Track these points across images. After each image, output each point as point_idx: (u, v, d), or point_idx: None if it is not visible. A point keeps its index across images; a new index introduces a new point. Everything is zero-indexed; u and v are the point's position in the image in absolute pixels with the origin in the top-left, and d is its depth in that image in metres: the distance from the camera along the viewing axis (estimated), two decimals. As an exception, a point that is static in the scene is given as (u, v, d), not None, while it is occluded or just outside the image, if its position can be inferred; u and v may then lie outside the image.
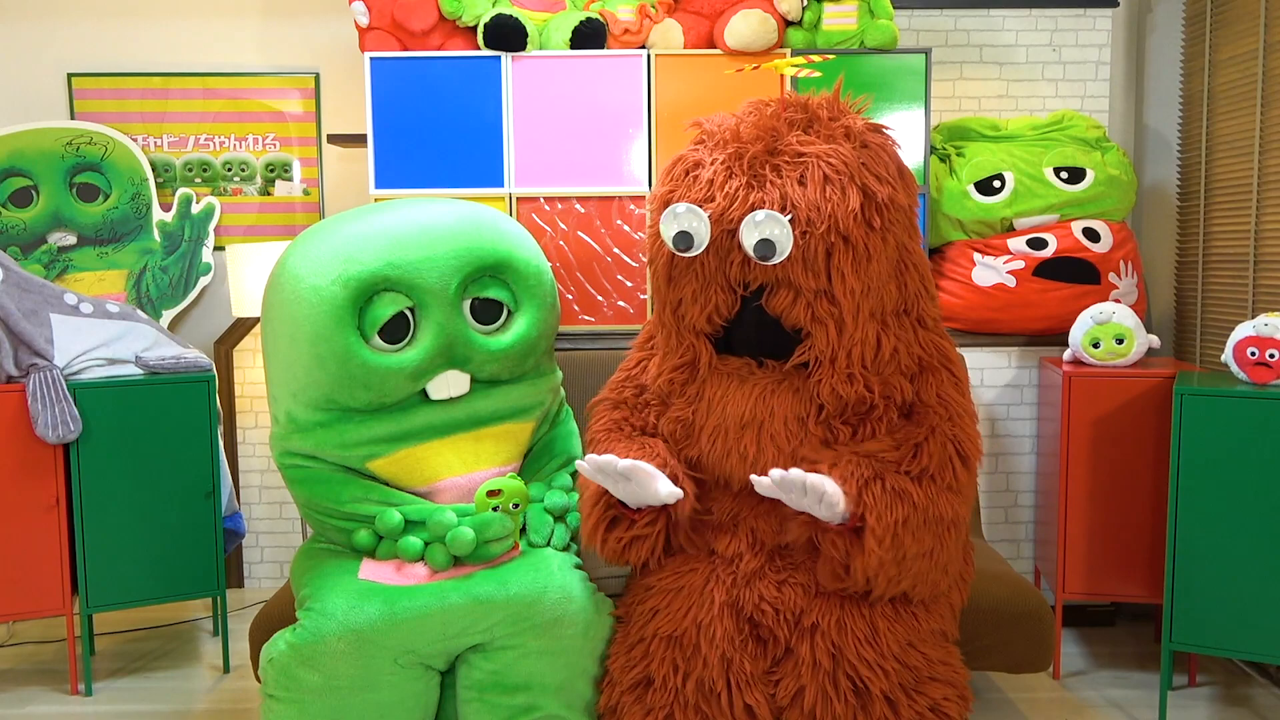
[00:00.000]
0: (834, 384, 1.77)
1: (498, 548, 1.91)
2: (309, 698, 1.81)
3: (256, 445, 3.46)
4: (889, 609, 1.80)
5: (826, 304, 1.74)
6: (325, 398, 1.96)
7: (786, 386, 1.81)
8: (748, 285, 1.81)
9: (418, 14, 2.85)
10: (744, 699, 1.79)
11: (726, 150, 1.80)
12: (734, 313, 1.85)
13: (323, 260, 1.94)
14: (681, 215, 1.76)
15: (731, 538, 1.90)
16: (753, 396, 1.81)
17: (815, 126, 1.81)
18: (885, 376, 1.81)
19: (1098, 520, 2.66)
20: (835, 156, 1.74)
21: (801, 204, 1.71)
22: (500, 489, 1.90)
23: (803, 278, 1.74)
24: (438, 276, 1.95)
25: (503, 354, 2.03)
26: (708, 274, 1.81)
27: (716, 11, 2.89)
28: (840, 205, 1.71)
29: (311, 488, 2.01)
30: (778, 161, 1.76)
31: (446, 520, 1.90)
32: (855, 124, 1.83)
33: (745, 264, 1.78)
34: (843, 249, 1.72)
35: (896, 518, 1.71)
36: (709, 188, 1.77)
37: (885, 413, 1.83)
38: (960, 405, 1.85)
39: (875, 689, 1.75)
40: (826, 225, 1.70)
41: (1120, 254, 2.92)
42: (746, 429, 1.81)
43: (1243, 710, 2.55)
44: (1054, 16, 3.15)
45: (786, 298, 1.77)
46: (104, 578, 2.65)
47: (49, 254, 3.30)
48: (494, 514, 1.90)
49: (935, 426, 1.82)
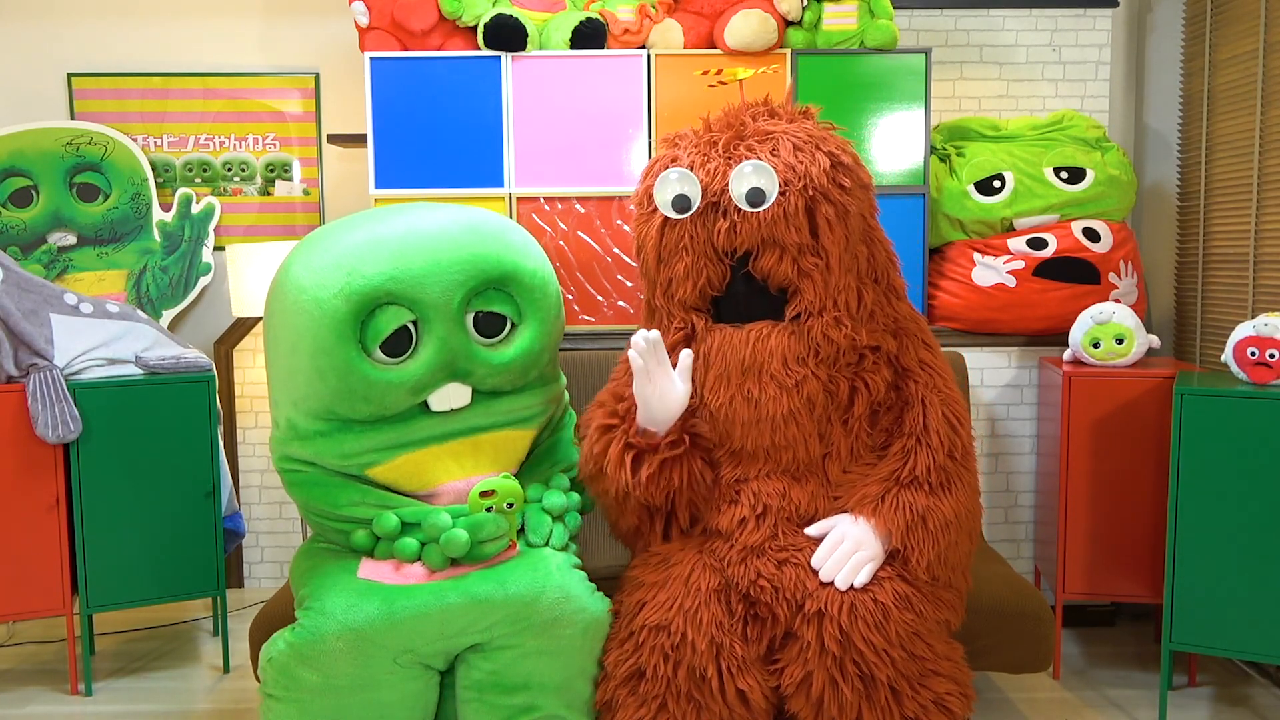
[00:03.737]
0: (825, 329, 1.88)
1: (493, 547, 1.90)
2: (308, 697, 1.81)
3: (256, 445, 3.46)
4: (898, 596, 1.81)
5: (810, 257, 1.87)
6: (325, 409, 1.95)
7: (782, 330, 1.90)
8: (734, 253, 1.91)
9: (418, 14, 2.85)
10: (735, 684, 1.80)
11: (700, 141, 1.95)
12: (724, 284, 1.94)
13: (325, 271, 1.92)
14: (675, 180, 1.90)
15: (734, 508, 1.92)
16: (750, 342, 1.90)
17: (777, 116, 1.97)
18: (870, 328, 1.93)
19: (1098, 520, 2.66)
20: (800, 130, 1.91)
21: (778, 167, 1.85)
22: (494, 489, 1.90)
23: (786, 234, 1.86)
24: (441, 290, 1.93)
25: (505, 367, 2.02)
26: (696, 247, 1.91)
27: (716, 11, 2.89)
28: (813, 165, 1.85)
29: (309, 491, 2.00)
30: (749, 142, 1.90)
31: (441, 523, 1.89)
32: (813, 111, 2.01)
33: (731, 231, 1.88)
34: (822, 201, 1.85)
35: (939, 550, 1.86)
36: (690, 170, 1.91)
37: (877, 367, 1.93)
38: (938, 366, 1.98)
39: (881, 675, 1.76)
40: (803, 182, 1.84)
41: (1120, 254, 2.92)
42: (748, 373, 1.89)
43: (1243, 710, 2.55)
44: (1054, 16, 3.15)
45: (772, 257, 1.88)
46: (104, 578, 2.65)
47: (49, 254, 3.30)
48: (488, 515, 1.90)
49: (924, 397, 1.94)
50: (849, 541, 1.83)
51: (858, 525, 1.86)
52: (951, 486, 1.89)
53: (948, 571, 1.89)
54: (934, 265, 3.06)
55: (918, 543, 1.83)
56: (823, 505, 1.93)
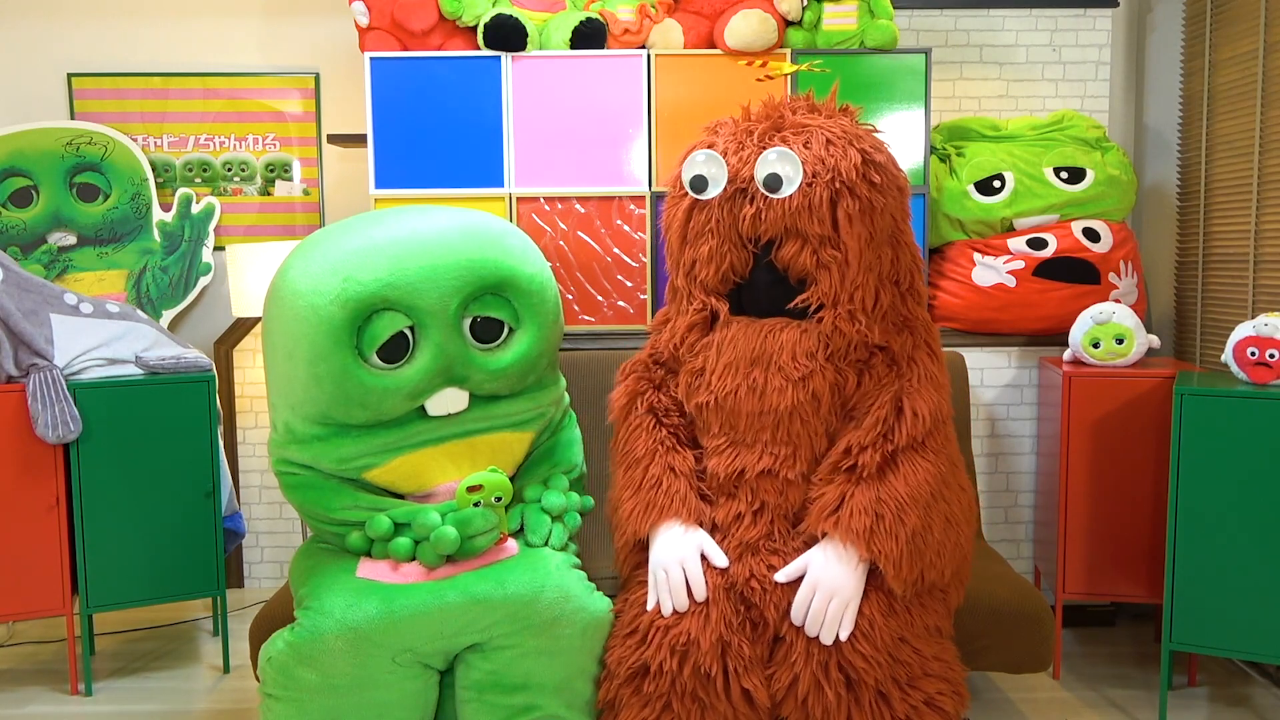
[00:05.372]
0: (836, 321, 1.88)
1: (483, 541, 1.91)
2: (307, 696, 1.81)
3: (256, 445, 3.46)
4: (883, 603, 1.80)
5: (830, 249, 1.87)
6: (322, 414, 1.95)
7: (795, 326, 1.91)
8: (758, 240, 1.92)
9: (418, 14, 2.85)
10: (741, 684, 1.79)
11: (738, 129, 1.96)
12: (747, 270, 1.96)
13: (321, 277, 1.92)
14: (701, 161, 1.92)
15: (732, 502, 1.92)
16: (762, 334, 1.91)
17: (816, 111, 1.98)
18: (883, 327, 1.93)
19: (1098, 520, 2.66)
20: (836, 126, 1.91)
21: (808, 159, 1.86)
22: (481, 484, 1.90)
23: (808, 225, 1.86)
24: (437, 297, 1.92)
25: (502, 373, 2.01)
26: (722, 231, 1.93)
27: (716, 11, 2.89)
28: (843, 160, 1.86)
29: (305, 493, 2.01)
30: (784, 134, 1.91)
31: (430, 521, 1.90)
32: (853, 110, 2.02)
33: (756, 218, 1.89)
34: (848, 196, 1.85)
35: (904, 543, 1.80)
36: (724, 156, 1.93)
37: (879, 366, 1.93)
38: (930, 369, 1.94)
39: (868, 680, 1.75)
40: (831, 175, 1.85)
41: (1120, 254, 2.92)
42: (756, 363, 1.90)
43: (1243, 710, 2.55)
44: (1054, 16, 3.15)
45: (794, 247, 1.89)
46: (104, 578, 2.65)
47: (49, 254, 3.30)
48: (475, 509, 1.90)
49: (887, 385, 1.91)
50: (821, 592, 1.78)
51: (826, 559, 1.81)
52: (897, 468, 1.84)
53: (925, 565, 1.82)
54: (934, 265, 3.06)
55: (882, 545, 1.78)
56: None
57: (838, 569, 1.80)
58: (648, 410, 2.04)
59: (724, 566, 1.86)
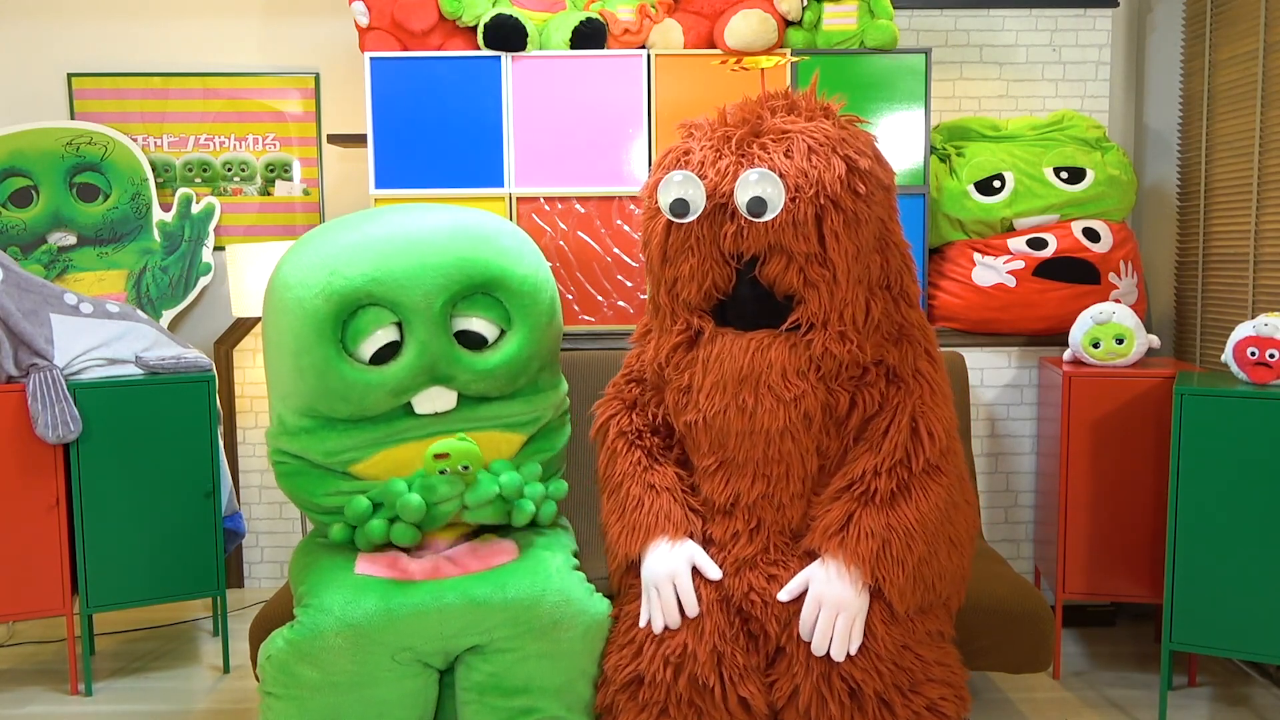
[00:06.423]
0: (826, 343, 1.81)
1: (447, 508, 1.91)
2: (307, 694, 1.81)
3: (256, 445, 3.46)
4: (884, 612, 1.80)
5: (817, 267, 1.79)
6: (308, 407, 1.96)
7: (783, 341, 1.84)
8: (741, 256, 1.84)
9: (418, 14, 2.85)
10: (738, 692, 1.79)
11: (714, 134, 1.87)
12: (730, 286, 1.88)
13: (309, 270, 1.93)
14: (678, 183, 1.81)
15: (729, 520, 1.90)
16: (750, 351, 1.84)
17: (796, 111, 1.89)
18: (876, 341, 1.86)
19: (1098, 520, 2.66)
20: (818, 131, 1.81)
21: (790, 172, 1.77)
22: (448, 451, 1.89)
23: (794, 242, 1.78)
24: (422, 294, 1.91)
25: (489, 373, 1.99)
26: (703, 248, 1.85)
27: (716, 11, 2.89)
28: (826, 171, 1.77)
29: (294, 481, 2.04)
30: (764, 140, 1.82)
31: (396, 489, 1.91)
32: (834, 108, 1.91)
33: (738, 235, 1.81)
34: (833, 211, 1.77)
35: (910, 570, 1.78)
36: (700, 168, 1.83)
37: (876, 380, 1.87)
38: (933, 379, 1.90)
39: (869, 689, 1.75)
40: (814, 189, 1.76)
41: (1120, 254, 2.92)
42: (744, 383, 1.83)
43: (1243, 710, 2.54)
44: (1054, 16, 3.15)
45: (779, 264, 1.81)
46: (104, 578, 2.65)
47: (49, 254, 3.30)
48: (441, 476, 1.90)
49: (899, 404, 1.86)
50: (827, 609, 1.77)
51: (829, 576, 1.79)
52: (910, 494, 1.81)
53: (926, 589, 1.82)
54: (934, 265, 3.06)
55: (887, 571, 1.77)
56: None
57: (840, 585, 1.78)
58: (619, 434, 2.02)
59: (717, 579, 1.84)
